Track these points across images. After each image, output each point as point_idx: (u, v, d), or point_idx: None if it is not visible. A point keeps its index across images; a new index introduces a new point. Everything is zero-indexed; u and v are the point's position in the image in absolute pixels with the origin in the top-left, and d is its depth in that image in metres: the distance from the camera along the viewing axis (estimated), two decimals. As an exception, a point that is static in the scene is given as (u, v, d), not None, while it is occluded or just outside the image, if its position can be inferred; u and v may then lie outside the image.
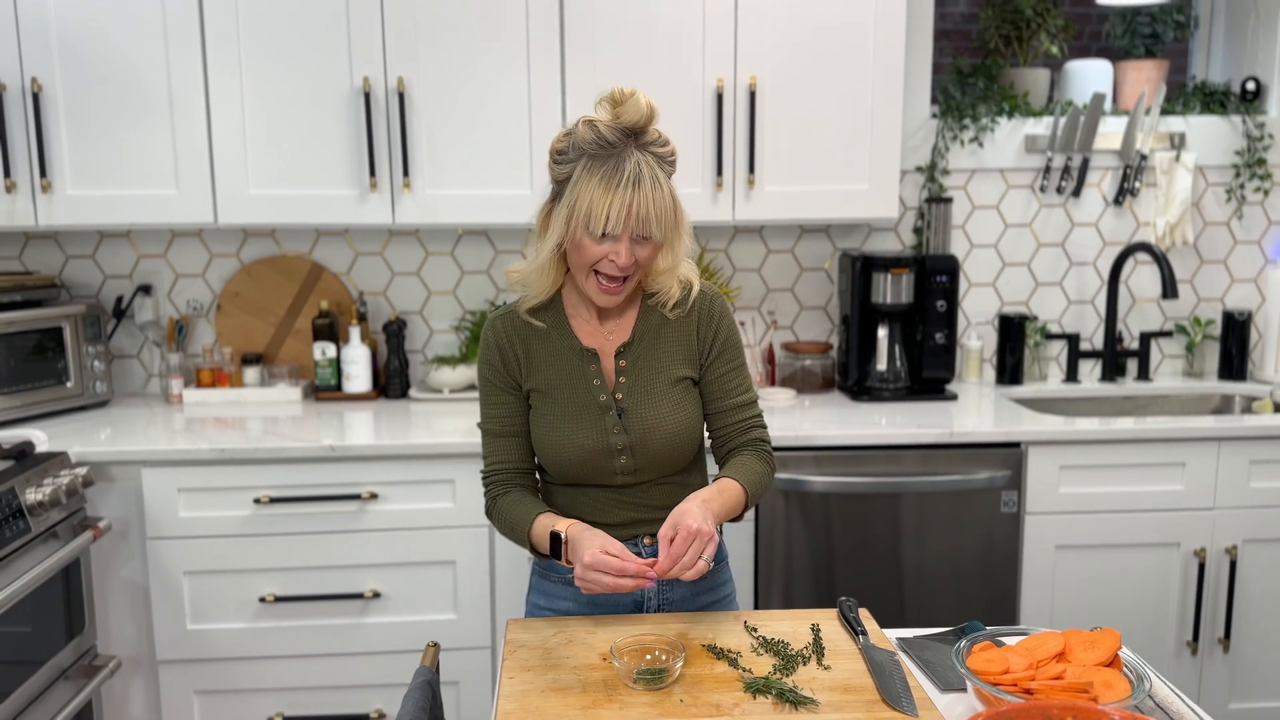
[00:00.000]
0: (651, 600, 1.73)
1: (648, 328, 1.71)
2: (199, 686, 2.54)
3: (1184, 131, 3.16)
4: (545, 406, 1.69)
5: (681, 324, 1.72)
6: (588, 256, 1.58)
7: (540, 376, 1.70)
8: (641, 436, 1.67)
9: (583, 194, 1.55)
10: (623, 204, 1.53)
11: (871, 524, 2.61)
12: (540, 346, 1.70)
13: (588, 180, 1.54)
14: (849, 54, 2.73)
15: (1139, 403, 3.14)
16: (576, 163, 1.57)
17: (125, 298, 3.03)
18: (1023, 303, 3.24)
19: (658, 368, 1.69)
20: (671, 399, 1.69)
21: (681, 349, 1.71)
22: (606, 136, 1.55)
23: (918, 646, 1.58)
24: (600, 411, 1.67)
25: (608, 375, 1.69)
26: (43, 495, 2.21)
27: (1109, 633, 1.40)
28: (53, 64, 2.60)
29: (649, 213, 1.54)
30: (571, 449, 1.67)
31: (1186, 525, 2.66)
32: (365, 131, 2.65)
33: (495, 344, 1.72)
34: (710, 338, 1.72)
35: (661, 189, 1.56)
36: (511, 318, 1.73)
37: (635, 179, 1.53)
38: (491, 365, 1.72)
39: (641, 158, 1.55)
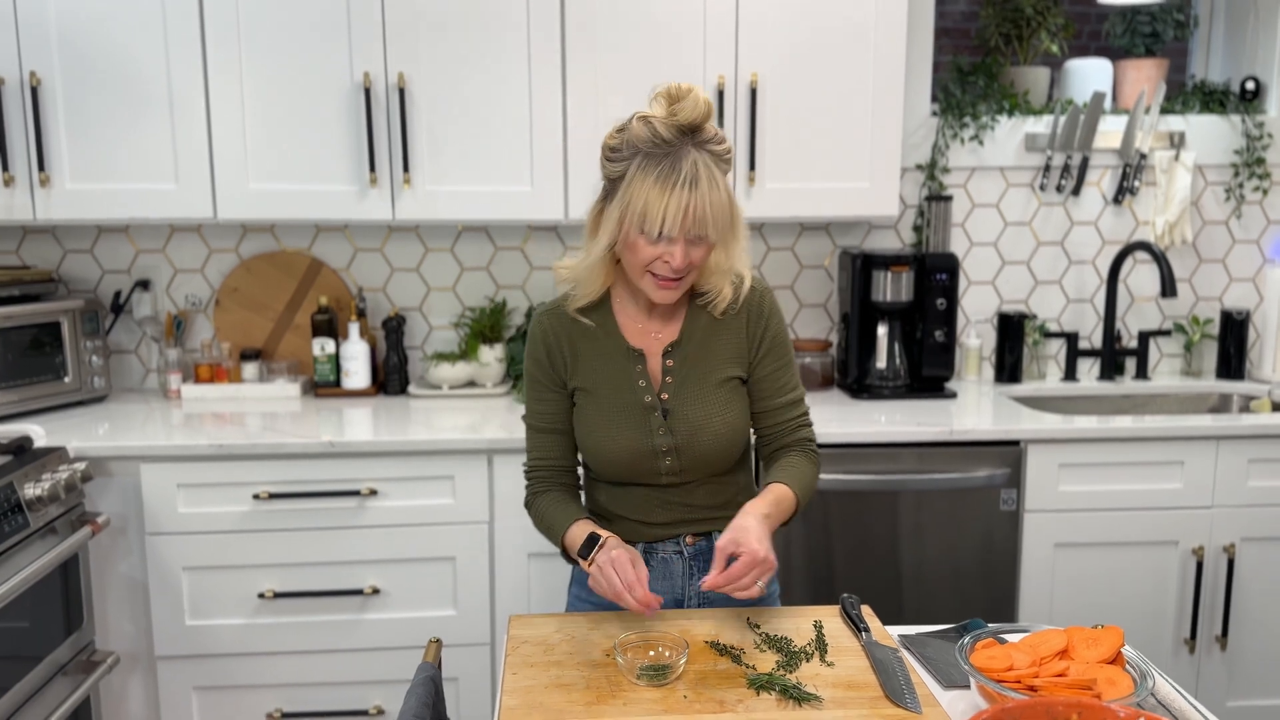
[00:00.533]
0: (692, 600, 1.72)
1: (696, 327, 1.68)
2: (198, 682, 2.53)
3: (1183, 130, 3.16)
4: (590, 406, 1.67)
5: (731, 321, 1.68)
6: (642, 257, 1.55)
7: (586, 375, 1.68)
8: (687, 438, 1.64)
9: (637, 194, 1.50)
10: (679, 205, 1.48)
11: (871, 522, 2.61)
12: (587, 345, 1.68)
13: (642, 180, 1.49)
14: (850, 52, 2.73)
15: (1137, 401, 3.15)
16: (631, 161, 1.52)
17: (123, 293, 3.02)
18: (1022, 301, 3.25)
19: (705, 368, 1.66)
20: (719, 399, 1.66)
21: (730, 347, 1.68)
22: (662, 134, 1.50)
23: (919, 643, 1.58)
24: (645, 412, 1.64)
25: (654, 375, 1.67)
26: (41, 490, 2.21)
27: (1112, 630, 1.40)
28: (51, 58, 2.59)
29: (705, 213, 1.50)
30: (616, 450, 1.65)
31: (1185, 524, 2.67)
32: (365, 127, 2.64)
33: (542, 340, 1.70)
34: (760, 335, 1.69)
35: (719, 189, 1.51)
36: (559, 314, 1.70)
37: (692, 179, 1.48)
38: (538, 362, 1.70)
39: (698, 156, 1.50)
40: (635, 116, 1.54)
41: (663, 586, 1.72)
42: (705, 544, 1.72)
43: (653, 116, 1.52)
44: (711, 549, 1.70)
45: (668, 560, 1.72)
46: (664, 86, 1.54)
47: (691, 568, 1.72)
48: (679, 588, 1.72)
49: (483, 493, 2.52)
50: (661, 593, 1.71)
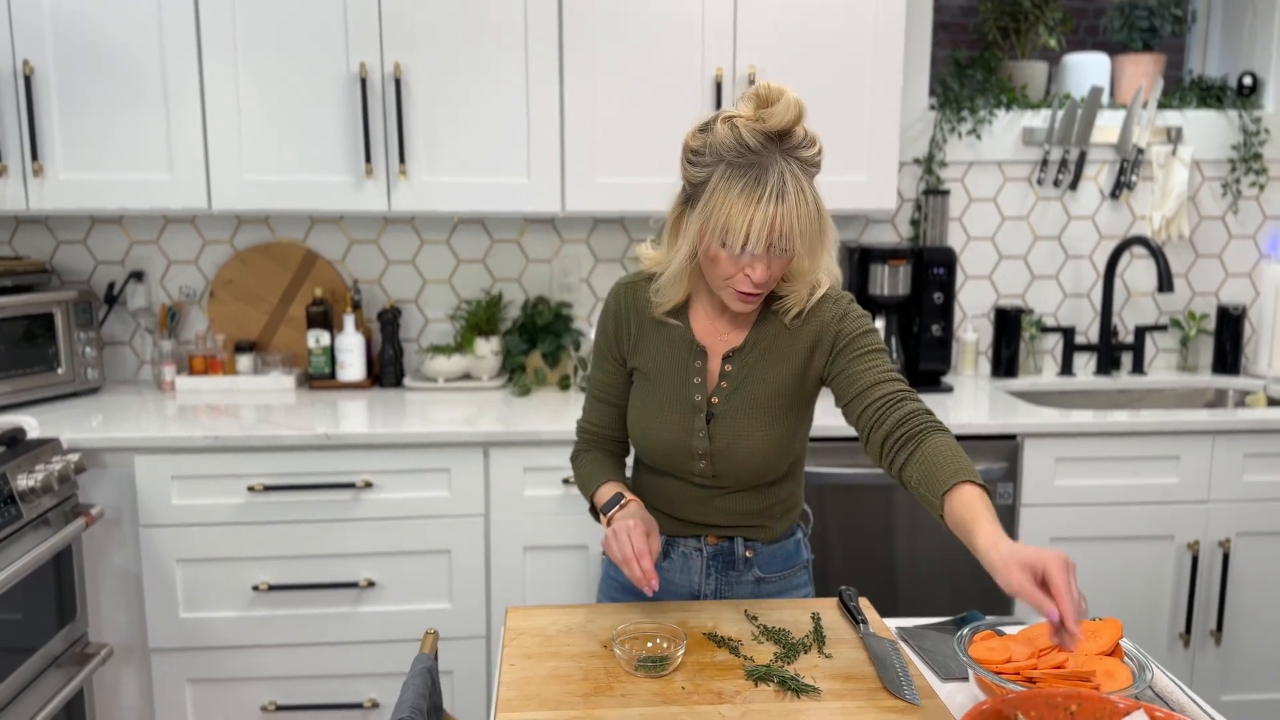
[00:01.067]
0: (709, 598, 1.70)
1: (762, 336, 1.60)
2: (192, 675, 2.52)
3: (1181, 126, 3.16)
4: (644, 389, 1.66)
5: (796, 339, 1.58)
6: (723, 271, 1.48)
7: (647, 358, 1.65)
8: (725, 447, 1.59)
9: (720, 206, 1.41)
10: (764, 220, 1.38)
11: (867, 515, 2.61)
12: (655, 328, 1.65)
13: (726, 191, 1.40)
14: (848, 45, 2.73)
15: (1133, 396, 3.15)
16: (714, 168, 1.42)
17: (117, 284, 3.01)
18: (1019, 295, 3.25)
19: (762, 379, 1.59)
20: (767, 413, 1.59)
21: (792, 363, 1.58)
22: (749, 142, 1.40)
23: (917, 636, 1.58)
24: (692, 411, 1.61)
25: (711, 375, 1.62)
26: (34, 482, 2.19)
27: (1111, 622, 1.40)
28: (45, 46, 2.57)
29: (793, 228, 1.40)
30: (656, 440, 1.64)
31: (1180, 518, 2.67)
32: (361, 118, 2.63)
33: (614, 312, 1.68)
34: (831, 348, 1.57)
35: (807, 201, 1.41)
36: (637, 290, 1.66)
37: (779, 193, 1.39)
38: (605, 332, 1.69)
39: (786, 167, 1.40)
40: (720, 117, 1.44)
41: (681, 580, 1.71)
42: (726, 545, 1.70)
43: (738, 118, 1.42)
44: (732, 551, 1.69)
45: (688, 555, 1.71)
46: (753, 87, 1.44)
47: (710, 567, 1.70)
48: (696, 583, 1.71)
49: (478, 486, 2.51)
50: (678, 586, 1.71)
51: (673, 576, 1.71)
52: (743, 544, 1.69)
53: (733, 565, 1.70)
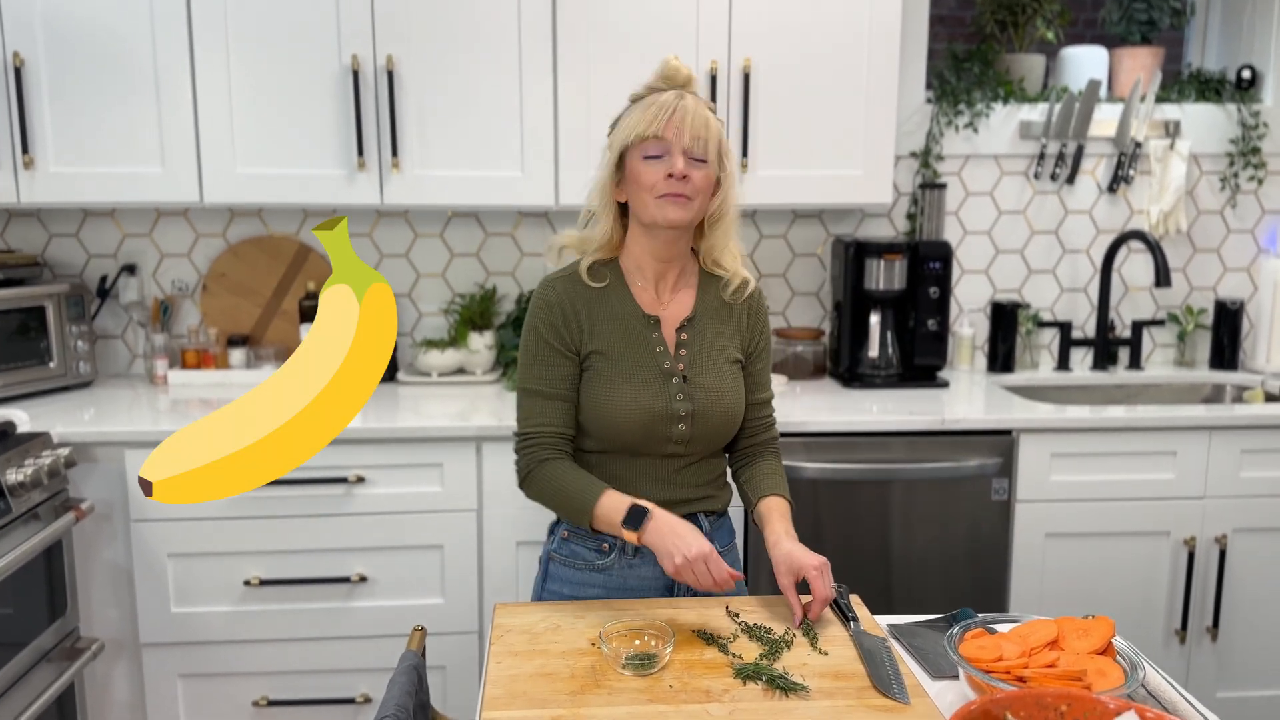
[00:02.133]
0: (682, 585, 1.70)
1: (708, 306, 1.74)
2: (183, 670, 2.51)
3: (1179, 119, 3.14)
4: (606, 369, 1.67)
5: (736, 311, 1.76)
6: (646, 180, 1.61)
7: (602, 339, 1.68)
8: (704, 405, 1.68)
9: (628, 116, 1.64)
10: (663, 111, 1.59)
11: (861, 511, 2.60)
12: (601, 309, 1.69)
13: (631, 110, 1.65)
14: (844, 38, 2.71)
15: (1130, 391, 3.14)
16: (626, 112, 1.67)
17: (109, 277, 2.99)
18: (1015, 290, 3.23)
19: (716, 345, 1.72)
20: (729, 376, 1.72)
21: (736, 334, 1.75)
22: (653, 84, 1.65)
23: (909, 633, 1.57)
24: (665, 377, 1.67)
25: (669, 343, 1.71)
26: (23, 476, 2.18)
27: (1103, 621, 1.38)
28: (35, 38, 2.55)
29: (699, 127, 1.59)
30: (634, 410, 1.65)
31: (1176, 514, 2.66)
32: (354, 111, 2.61)
33: (556, 304, 1.69)
34: (758, 333, 1.78)
35: (709, 117, 1.62)
36: (571, 279, 1.71)
37: (679, 100, 1.61)
38: (551, 326, 1.68)
39: (686, 94, 1.63)
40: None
41: (654, 572, 1.70)
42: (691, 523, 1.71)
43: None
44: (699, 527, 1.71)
45: None
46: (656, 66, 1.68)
47: None
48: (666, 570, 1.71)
49: (471, 481, 2.50)
50: (650, 575, 1.71)
51: (645, 570, 1.70)
52: (705, 520, 1.76)
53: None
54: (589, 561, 1.72)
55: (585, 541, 1.72)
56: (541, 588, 1.79)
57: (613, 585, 1.71)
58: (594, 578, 1.72)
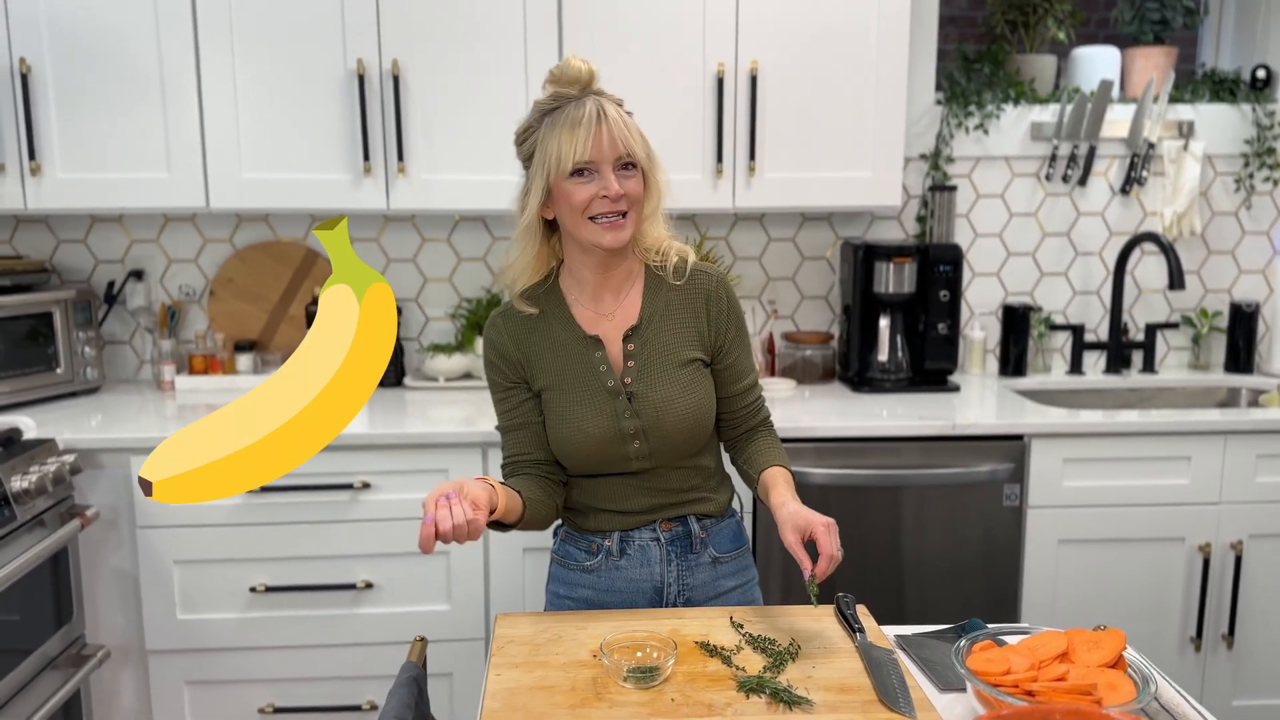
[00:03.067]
0: (672, 587, 1.70)
1: (655, 309, 1.67)
2: (189, 677, 2.51)
3: (1193, 120, 3.11)
4: (553, 400, 1.66)
5: (689, 305, 1.68)
6: (577, 201, 1.55)
7: (545, 372, 1.66)
8: (654, 419, 1.63)
9: (550, 141, 1.55)
10: (589, 132, 1.52)
11: (872, 517, 2.57)
12: (541, 340, 1.67)
13: (551, 129, 1.55)
14: (853, 39, 2.68)
15: (1144, 395, 3.10)
16: (538, 128, 1.58)
17: (117, 283, 2.99)
18: (1027, 293, 3.20)
19: (666, 350, 1.66)
20: (681, 381, 1.65)
21: (690, 331, 1.68)
22: (559, 92, 1.57)
23: (916, 644, 1.55)
24: (609, 397, 1.63)
25: (614, 361, 1.66)
26: (28, 483, 2.18)
27: (1114, 633, 1.36)
28: (42, 44, 2.55)
29: (625, 137, 1.55)
30: (584, 438, 1.63)
31: (1191, 520, 2.62)
32: (359, 115, 2.60)
33: (496, 342, 1.69)
34: (723, 324, 1.70)
35: (628, 119, 1.58)
36: (509, 315, 1.70)
37: (599, 112, 1.54)
38: (494, 365, 1.70)
39: (599, 99, 1.56)
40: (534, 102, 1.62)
41: (641, 574, 1.69)
42: (681, 529, 1.70)
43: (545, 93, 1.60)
44: (688, 533, 1.70)
45: (645, 548, 1.70)
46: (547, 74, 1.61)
47: (669, 553, 1.70)
48: (658, 575, 1.69)
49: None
50: (639, 582, 1.69)
51: (632, 572, 1.69)
52: (695, 521, 1.71)
53: (690, 548, 1.70)
54: (579, 562, 1.72)
55: (577, 542, 1.73)
56: (547, 588, 1.80)
57: (601, 586, 1.70)
58: (584, 578, 1.72)
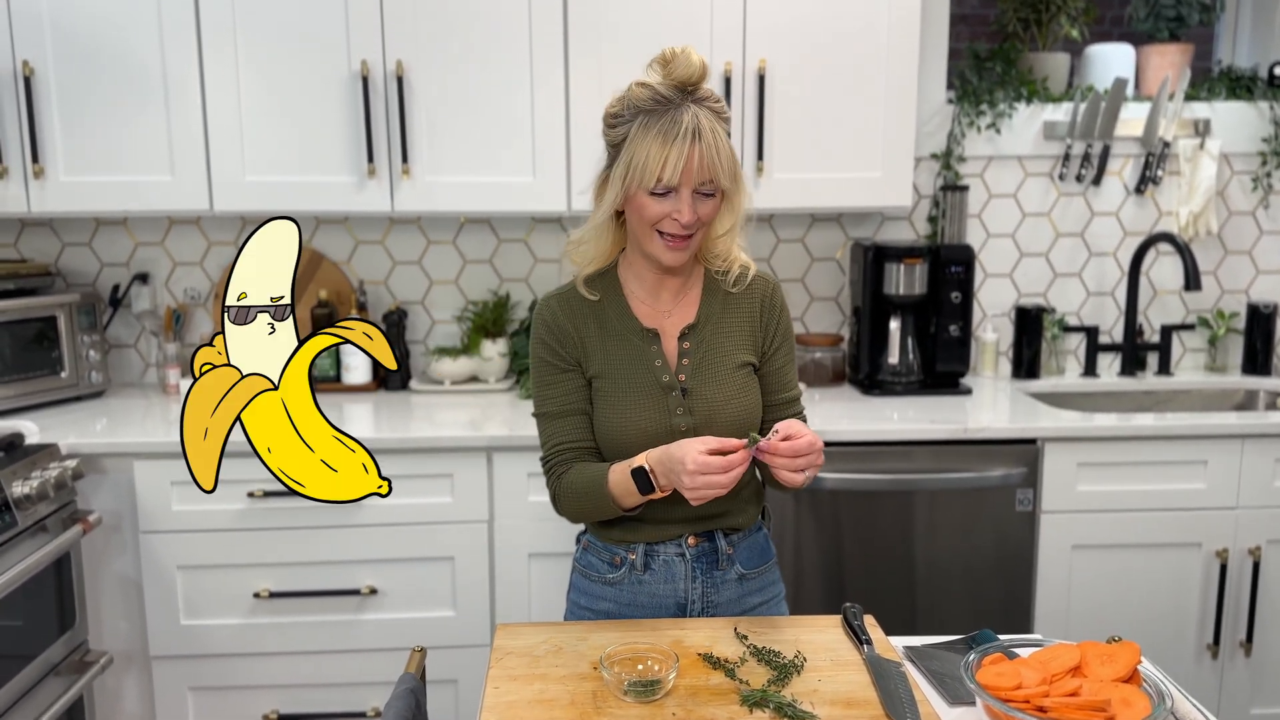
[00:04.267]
0: (696, 604, 1.66)
1: (712, 311, 1.66)
2: (193, 683, 2.49)
3: (1209, 118, 3.06)
4: (605, 388, 1.63)
5: (745, 309, 1.68)
6: (649, 215, 1.54)
7: (598, 360, 1.64)
8: (706, 418, 1.61)
9: (639, 148, 1.51)
10: (681, 154, 1.49)
11: (882, 522, 2.54)
12: (597, 328, 1.65)
13: (644, 135, 1.51)
14: (862, 37, 2.65)
15: (1159, 398, 3.05)
16: (632, 122, 1.53)
17: (122, 286, 2.98)
18: (1040, 294, 3.15)
19: (722, 351, 1.65)
20: (736, 383, 1.64)
21: (745, 334, 1.67)
22: (662, 93, 1.52)
23: (926, 656, 1.51)
24: (663, 392, 1.61)
25: (669, 357, 1.64)
26: (29, 488, 2.16)
27: (1128, 645, 1.32)
28: (45, 47, 2.54)
29: (714, 163, 1.51)
30: (633, 431, 1.60)
31: (1208, 525, 2.57)
32: (363, 116, 2.58)
33: (552, 324, 1.66)
34: (774, 328, 1.69)
35: (721, 141, 1.52)
36: (567, 296, 1.67)
37: (695, 130, 1.49)
38: (547, 345, 1.66)
39: (699, 110, 1.51)
40: (634, 83, 1.56)
41: (665, 590, 1.65)
42: (708, 544, 1.66)
43: (649, 80, 1.54)
44: (715, 550, 1.66)
45: (670, 563, 1.65)
46: (658, 54, 1.55)
47: (694, 569, 1.65)
48: (681, 591, 1.66)
49: (482, 491, 2.46)
50: (662, 597, 1.65)
51: (655, 587, 1.65)
52: (723, 537, 1.67)
53: (716, 564, 1.66)
54: (601, 574, 1.68)
55: (599, 553, 1.69)
56: (568, 596, 1.77)
57: (623, 600, 1.66)
58: (605, 591, 1.68)
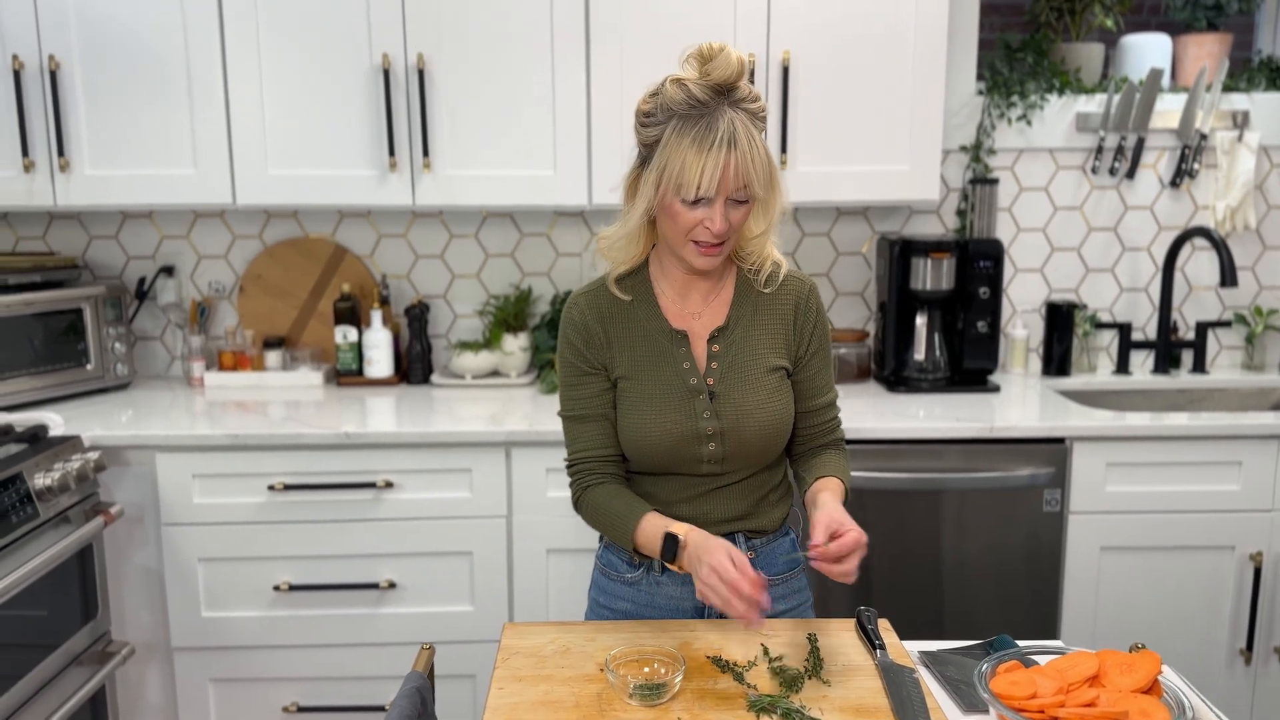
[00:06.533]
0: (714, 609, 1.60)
1: (743, 313, 1.63)
2: (214, 674, 2.50)
3: (1247, 109, 2.98)
4: (631, 390, 1.60)
5: (778, 311, 1.63)
6: (681, 224, 1.50)
7: (626, 359, 1.61)
8: (734, 422, 1.58)
9: (674, 156, 1.45)
10: (717, 165, 1.43)
11: (908, 522, 2.50)
12: (625, 327, 1.62)
13: (678, 142, 1.45)
14: (888, 27, 2.60)
15: (1194, 396, 2.98)
16: (666, 124, 1.47)
17: (148, 279, 3.00)
18: (1072, 290, 3.09)
19: (752, 355, 1.61)
20: (766, 387, 1.60)
21: (777, 338, 1.63)
22: (697, 95, 1.45)
23: (941, 662, 1.48)
24: (690, 395, 1.58)
25: (698, 359, 1.61)
26: (51, 480, 2.18)
27: (1148, 655, 1.28)
28: (70, 41, 2.56)
29: (748, 172, 1.46)
30: (659, 433, 1.58)
31: (1242, 527, 2.51)
32: (385, 110, 2.58)
33: (580, 323, 1.63)
34: (809, 333, 1.64)
35: (757, 147, 1.47)
36: (596, 295, 1.64)
37: (730, 138, 1.44)
38: (573, 346, 1.63)
39: (735, 115, 1.45)
40: (668, 79, 1.49)
41: (683, 593, 1.63)
42: None
43: (685, 79, 1.48)
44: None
45: None
46: (695, 48, 1.49)
47: None
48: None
49: (501, 486, 2.45)
50: (680, 601, 1.63)
51: (673, 590, 1.63)
52: (744, 540, 1.63)
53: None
54: (620, 574, 1.66)
55: (620, 552, 1.66)
56: (589, 593, 1.75)
57: (641, 601, 1.64)
58: (624, 590, 1.66)
